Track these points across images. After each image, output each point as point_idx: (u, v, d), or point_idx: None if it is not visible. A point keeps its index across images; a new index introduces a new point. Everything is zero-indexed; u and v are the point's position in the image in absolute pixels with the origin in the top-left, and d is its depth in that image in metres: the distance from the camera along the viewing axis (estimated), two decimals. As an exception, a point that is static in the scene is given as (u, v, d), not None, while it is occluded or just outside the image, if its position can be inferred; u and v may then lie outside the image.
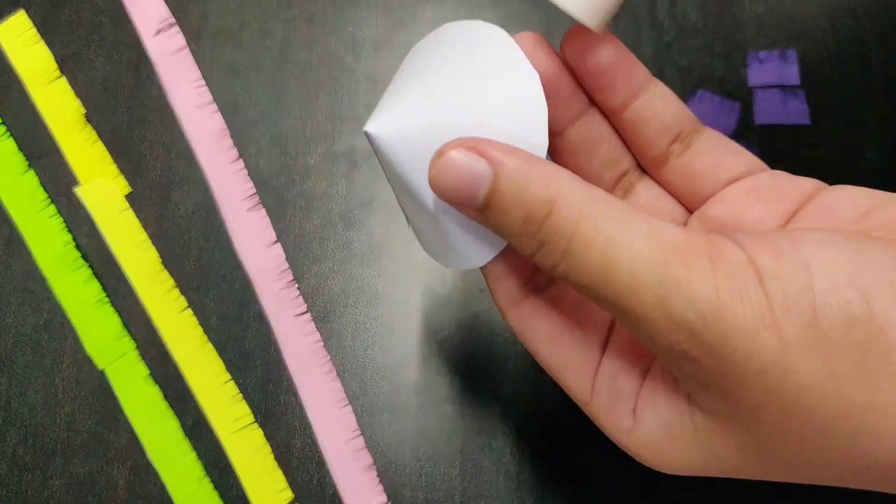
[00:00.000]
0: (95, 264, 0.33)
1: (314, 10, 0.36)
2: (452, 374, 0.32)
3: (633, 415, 0.21)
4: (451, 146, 0.20)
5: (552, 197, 0.19)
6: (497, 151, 0.20)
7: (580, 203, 0.19)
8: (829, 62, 0.35)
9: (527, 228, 0.19)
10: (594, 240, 0.18)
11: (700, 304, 0.17)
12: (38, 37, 0.35)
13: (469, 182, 0.20)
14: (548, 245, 0.19)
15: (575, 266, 0.19)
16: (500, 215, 0.20)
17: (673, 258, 0.18)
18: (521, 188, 0.19)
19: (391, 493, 0.30)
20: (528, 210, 0.19)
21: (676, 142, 0.24)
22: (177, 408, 0.31)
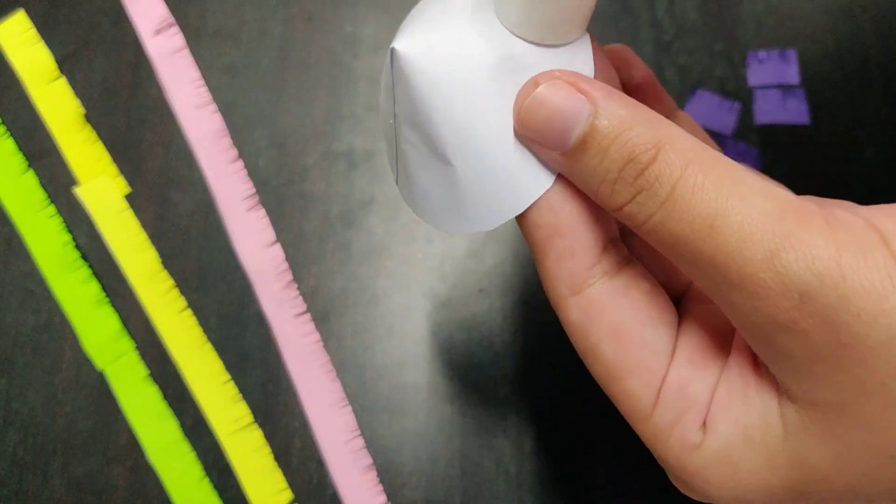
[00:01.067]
0: (95, 264, 0.33)
1: (313, 9, 0.36)
2: (452, 374, 0.32)
3: (702, 428, 0.19)
4: (546, 77, 0.18)
5: (660, 140, 0.17)
6: (598, 90, 0.18)
7: (689, 150, 0.17)
8: (829, 62, 0.35)
9: (626, 173, 0.17)
10: (703, 187, 0.17)
11: (817, 262, 0.16)
12: (37, 37, 0.35)
13: (564, 120, 0.18)
14: (646, 193, 0.17)
15: (677, 216, 0.17)
16: (596, 157, 0.18)
17: (788, 213, 0.16)
18: (626, 128, 0.17)
19: (391, 494, 0.30)
20: (632, 152, 0.17)
21: None
22: (176, 408, 0.31)
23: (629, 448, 0.31)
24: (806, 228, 0.16)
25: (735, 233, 0.16)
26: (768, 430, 0.18)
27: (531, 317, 0.32)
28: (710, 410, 0.19)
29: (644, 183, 0.17)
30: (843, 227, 0.16)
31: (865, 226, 0.16)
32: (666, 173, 0.17)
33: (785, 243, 0.16)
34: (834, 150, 0.34)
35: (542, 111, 0.18)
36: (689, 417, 0.19)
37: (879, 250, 0.16)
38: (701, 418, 0.19)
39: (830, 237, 0.16)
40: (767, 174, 0.33)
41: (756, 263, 0.16)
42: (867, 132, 0.34)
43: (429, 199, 0.20)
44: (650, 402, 0.19)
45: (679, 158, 0.17)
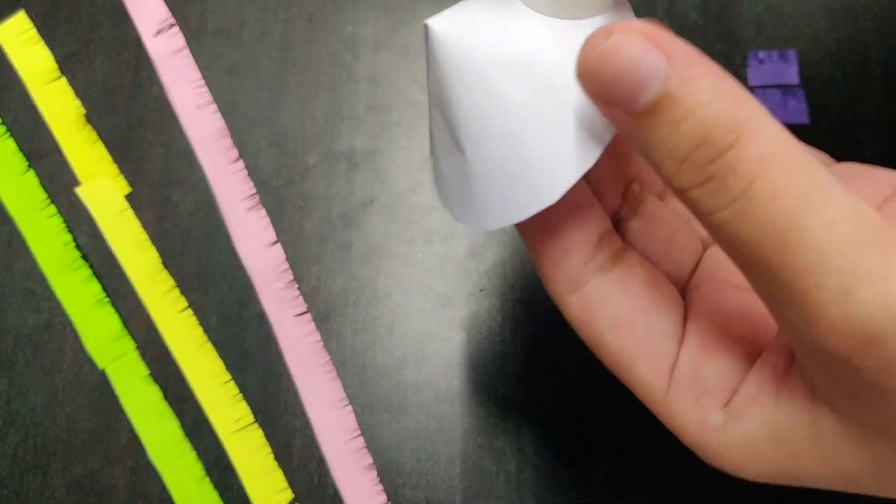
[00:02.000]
0: (95, 264, 0.33)
1: (313, 9, 0.36)
2: (452, 374, 0.32)
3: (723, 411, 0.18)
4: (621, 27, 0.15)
5: (742, 123, 0.15)
6: (680, 50, 0.15)
7: (776, 142, 0.15)
8: (829, 62, 0.35)
9: (698, 154, 0.15)
10: (784, 191, 0.15)
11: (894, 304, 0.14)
12: (38, 37, 0.35)
13: (636, 78, 0.15)
14: (718, 182, 0.15)
15: (749, 217, 0.15)
16: (666, 127, 0.15)
17: (874, 242, 0.14)
18: (705, 101, 0.15)
19: (391, 493, 0.30)
20: (708, 132, 0.15)
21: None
22: (177, 408, 0.31)
23: (630, 448, 0.31)
24: (890, 263, 0.14)
25: (811, 253, 0.14)
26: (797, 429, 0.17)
27: (531, 317, 0.32)
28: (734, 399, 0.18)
29: (717, 171, 0.15)
30: None
31: None
32: (744, 165, 0.15)
33: (864, 278, 0.14)
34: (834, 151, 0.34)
35: (613, 65, 0.15)
36: (708, 401, 0.18)
37: None
38: (720, 402, 0.18)
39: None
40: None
41: (827, 293, 0.14)
42: (867, 132, 0.34)
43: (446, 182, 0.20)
44: (663, 385, 0.18)
45: (762, 150, 0.15)
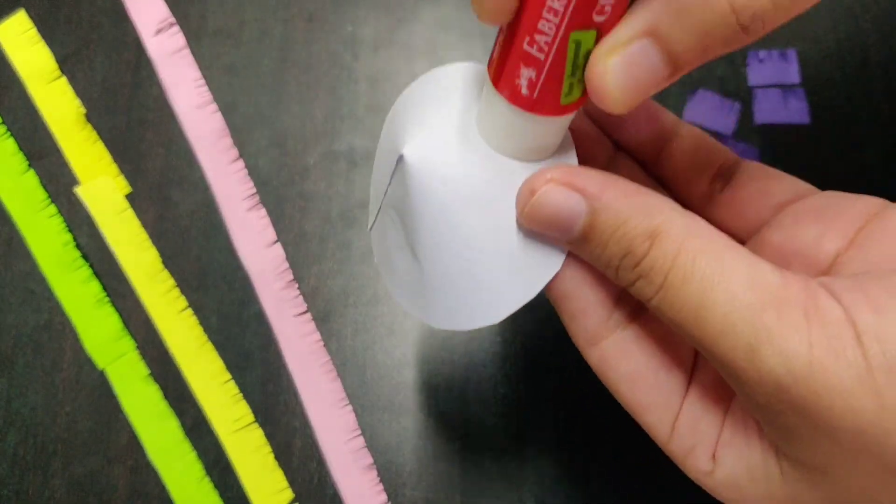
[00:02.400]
0: (95, 264, 0.33)
1: (313, 9, 0.36)
2: (452, 373, 0.32)
3: (713, 459, 0.20)
4: (543, 180, 0.19)
5: (654, 229, 0.18)
6: (593, 183, 0.19)
7: (682, 235, 0.18)
8: (829, 61, 0.35)
9: (625, 262, 0.19)
10: (691, 277, 0.18)
11: (792, 360, 0.17)
12: (38, 36, 0.35)
13: (564, 219, 0.19)
14: (644, 279, 0.18)
15: (669, 303, 0.18)
16: (598, 248, 0.19)
17: (768, 306, 0.17)
18: (621, 222, 0.18)
19: (391, 493, 0.30)
20: (629, 245, 0.18)
21: (716, 179, 0.24)
22: (177, 407, 0.31)
23: (630, 448, 0.31)
24: (784, 322, 0.17)
25: (718, 324, 0.17)
26: (768, 470, 0.19)
27: (531, 317, 0.32)
28: (717, 446, 0.20)
29: (642, 272, 0.18)
30: (820, 323, 0.17)
31: (843, 320, 0.17)
32: (659, 263, 0.18)
33: (763, 338, 0.17)
34: (834, 150, 0.34)
35: (542, 214, 0.19)
36: (700, 450, 0.21)
37: (851, 349, 0.16)
38: (710, 451, 0.20)
39: (806, 334, 0.17)
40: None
41: (737, 353, 0.17)
42: (867, 131, 0.34)
43: (396, 275, 0.22)
44: (666, 433, 0.21)
45: (672, 246, 0.18)
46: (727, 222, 0.24)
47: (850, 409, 0.16)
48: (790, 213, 0.22)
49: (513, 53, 0.18)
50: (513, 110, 0.19)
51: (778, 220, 0.22)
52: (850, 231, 0.21)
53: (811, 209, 0.22)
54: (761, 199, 0.23)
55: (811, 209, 0.22)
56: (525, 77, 0.18)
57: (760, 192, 0.23)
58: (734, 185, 0.23)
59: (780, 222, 0.22)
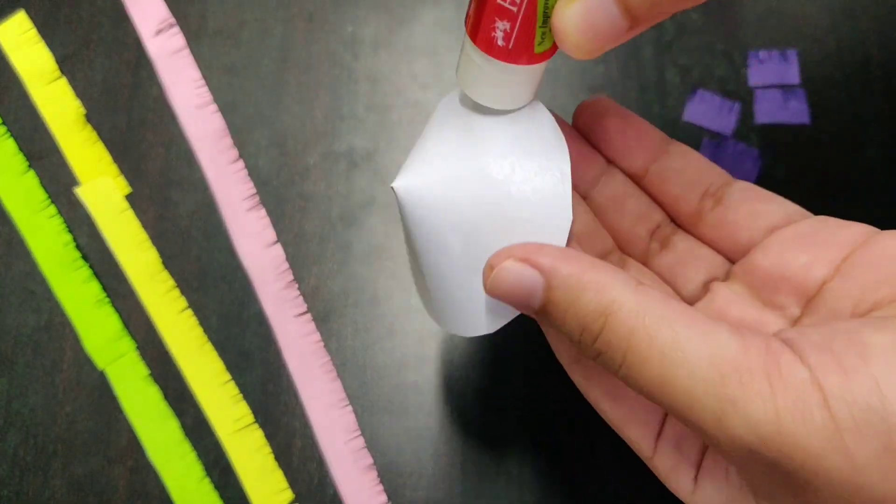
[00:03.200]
0: (95, 264, 0.33)
1: (313, 9, 0.36)
2: (452, 373, 0.32)
3: (694, 481, 0.21)
4: (503, 256, 0.20)
5: (605, 308, 0.19)
6: (549, 259, 0.19)
7: (633, 315, 0.18)
8: (830, 61, 0.35)
9: (584, 338, 0.19)
10: (648, 356, 0.18)
11: (760, 426, 0.17)
12: (38, 37, 0.35)
13: (523, 292, 0.20)
14: (604, 355, 0.19)
15: (634, 378, 0.19)
16: (558, 322, 0.20)
17: (730, 377, 0.17)
18: (574, 298, 0.19)
19: (391, 493, 0.30)
20: (584, 321, 0.19)
21: (707, 197, 0.24)
22: (177, 408, 0.31)
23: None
24: (748, 391, 0.17)
25: (684, 397, 0.18)
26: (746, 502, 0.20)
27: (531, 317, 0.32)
28: (699, 470, 0.21)
29: (600, 348, 0.19)
30: (784, 387, 0.17)
31: (808, 383, 0.17)
32: (615, 342, 0.19)
33: (728, 409, 0.17)
34: (834, 150, 0.34)
35: (502, 287, 0.20)
36: (682, 469, 0.21)
37: (819, 412, 0.17)
38: (693, 472, 0.21)
39: (771, 400, 0.17)
40: (768, 174, 0.33)
41: (707, 423, 0.18)
42: (868, 132, 0.34)
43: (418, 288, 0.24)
44: (649, 448, 0.22)
45: (624, 326, 0.18)
46: (717, 242, 0.24)
47: (822, 469, 0.17)
48: (780, 238, 0.23)
49: (488, 8, 0.19)
50: (490, 62, 0.20)
51: (768, 243, 0.23)
52: (837, 259, 0.21)
53: (801, 235, 0.22)
54: (752, 221, 0.23)
55: (801, 235, 0.22)
56: (500, 29, 0.19)
57: (751, 214, 0.23)
58: (725, 205, 0.24)
59: (769, 246, 0.23)
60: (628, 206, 0.25)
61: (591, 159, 0.25)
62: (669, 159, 0.24)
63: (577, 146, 0.24)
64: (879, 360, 0.17)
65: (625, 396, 0.22)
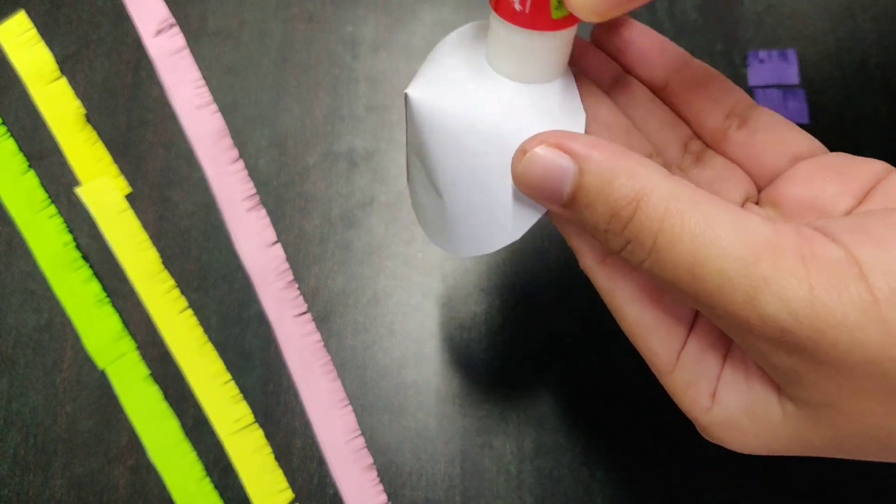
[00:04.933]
0: (96, 264, 0.33)
1: (313, 9, 0.36)
2: (452, 373, 0.32)
3: (712, 396, 0.20)
4: (534, 142, 0.20)
5: (638, 192, 0.18)
6: (581, 145, 0.19)
7: (666, 198, 0.18)
8: (829, 61, 0.35)
9: (613, 225, 0.19)
10: (681, 237, 0.18)
11: (793, 303, 0.17)
12: (38, 37, 0.35)
13: (554, 178, 0.19)
14: (634, 242, 0.19)
15: (662, 263, 0.18)
16: (587, 211, 0.19)
17: (763, 256, 0.17)
18: (606, 182, 0.19)
19: (391, 493, 0.30)
20: (615, 206, 0.19)
21: (732, 116, 0.24)
22: (177, 408, 0.31)
23: (629, 448, 0.31)
24: (781, 269, 0.17)
25: (715, 279, 0.18)
26: (769, 410, 0.19)
27: (531, 316, 0.32)
28: (718, 384, 0.20)
29: (630, 234, 0.19)
30: (819, 265, 0.17)
31: (844, 259, 0.17)
32: (647, 225, 0.18)
33: (762, 287, 0.17)
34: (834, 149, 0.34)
35: (534, 174, 0.19)
36: (703, 384, 0.20)
37: (855, 285, 0.17)
38: (712, 387, 0.20)
39: (805, 277, 0.17)
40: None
41: (737, 305, 0.17)
42: (867, 131, 0.34)
43: (426, 216, 0.24)
44: (671, 361, 0.21)
45: (657, 209, 0.18)
46: (744, 163, 0.24)
47: (857, 343, 0.17)
48: (807, 168, 0.23)
49: None
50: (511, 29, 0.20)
51: (794, 171, 0.23)
52: (861, 191, 0.21)
53: (826, 167, 0.22)
54: (778, 148, 0.23)
55: (826, 167, 0.22)
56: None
57: (778, 140, 0.23)
58: (750, 127, 0.23)
59: (797, 175, 0.23)
60: (650, 108, 0.24)
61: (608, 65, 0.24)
62: (693, 72, 0.24)
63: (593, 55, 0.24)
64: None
65: (652, 301, 0.21)
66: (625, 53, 0.24)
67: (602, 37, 0.24)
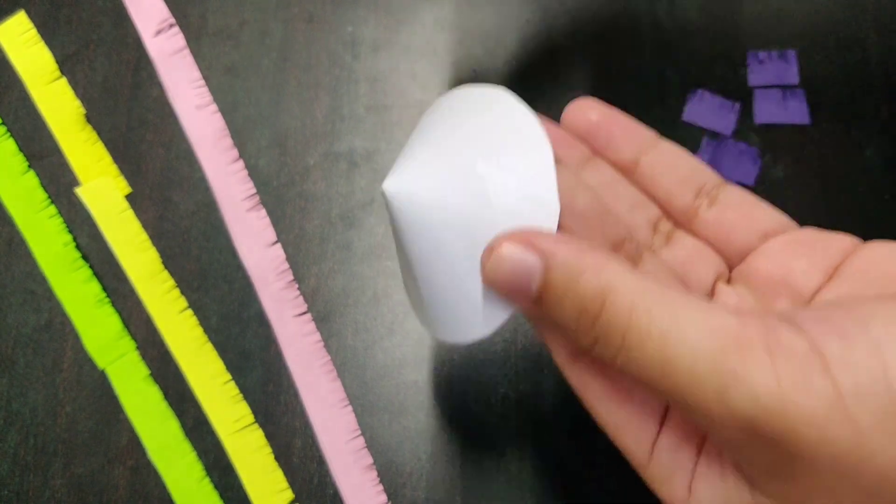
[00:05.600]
0: (96, 264, 0.33)
1: (313, 9, 0.36)
2: (452, 373, 0.32)
3: (688, 489, 0.21)
4: (502, 239, 0.20)
5: (604, 288, 0.19)
6: (548, 242, 0.19)
7: (633, 294, 0.18)
8: (829, 61, 0.35)
9: (582, 322, 0.19)
10: (648, 334, 0.18)
11: (762, 398, 0.17)
12: (38, 37, 0.35)
13: (522, 275, 0.20)
14: (603, 339, 0.19)
15: (632, 360, 0.18)
16: (555, 308, 0.19)
17: (730, 350, 0.17)
18: (573, 279, 0.19)
19: (391, 493, 0.30)
20: (582, 303, 0.19)
21: (701, 195, 0.24)
22: (177, 408, 0.31)
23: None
24: (749, 362, 0.17)
25: (685, 374, 0.18)
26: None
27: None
28: (693, 477, 0.21)
29: (598, 332, 0.19)
30: (785, 357, 0.17)
31: (808, 352, 0.17)
32: (615, 322, 0.18)
33: (730, 381, 0.17)
34: (834, 150, 0.34)
35: (502, 271, 0.20)
36: (678, 477, 0.21)
37: (820, 380, 0.17)
38: (687, 480, 0.21)
39: (772, 371, 0.17)
40: (767, 174, 0.33)
41: (708, 399, 0.17)
42: (867, 132, 0.34)
43: (409, 291, 0.24)
44: (645, 456, 0.21)
45: (624, 305, 0.18)
46: (715, 241, 0.24)
47: (825, 439, 0.17)
48: (777, 244, 0.23)
49: None
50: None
51: (764, 248, 0.23)
52: (830, 267, 0.22)
53: (796, 243, 0.23)
54: (749, 225, 0.23)
55: (796, 243, 0.23)
56: None
57: (747, 217, 0.24)
58: (720, 206, 0.24)
59: (766, 251, 0.23)
60: (619, 192, 0.25)
61: (577, 147, 0.25)
62: (661, 154, 0.24)
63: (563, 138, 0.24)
64: (879, 326, 0.17)
65: (622, 399, 0.21)
66: (594, 136, 0.25)
67: (572, 124, 0.24)
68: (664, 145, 0.25)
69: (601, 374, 0.21)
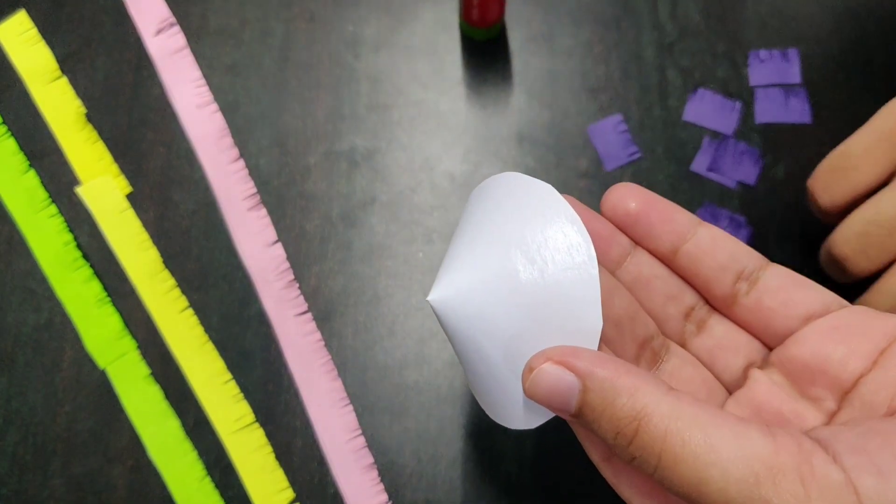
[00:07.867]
0: (96, 264, 0.33)
1: (315, 9, 0.36)
2: (453, 374, 0.31)
3: None
4: (541, 359, 0.21)
5: (639, 412, 0.19)
6: (585, 362, 0.20)
7: (667, 418, 0.19)
8: (831, 61, 0.35)
9: (619, 441, 0.20)
10: (683, 458, 0.19)
11: None
12: (38, 36, 0.35)
13: (560, 394, 0.20)
14: (639, 458, 0.19)
15: (667, 480, 0.19)
16: (594, 424, 0.20)
17: (763, 478, 0.18)
18: (609, 402, 0.20)
19: (392, 493, 0.30)
20: (618, 425, 0.19)
21: (741, 280, 0.24)
22: (178, 407, 0.31)
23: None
24: (782, 492, 0.18)
25: (718, 497, 0.18)
26: None
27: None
28: None
29: (635, 452, 0.19)
30: (818, 487, 0.17)
31: (842, 485, 0.17)
32: (650, 444, 0.19)
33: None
34: (835, 150, 0.34)
35: (541, 389, 0.21)
36: None
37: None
38: None
39: (806, 500, 0.17)
40: (768, 174, 0.33)
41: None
42: (869, 132, 0.34)
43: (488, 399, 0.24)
44: None
45: (658, 429, 0.19)
46: (751, 327, 0.24)
47: None
48: (817, 329, 0.23)
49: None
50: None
51: (804, 333, 0.23)
52: (874, 352, 0.22)
53: (837, 326, 0.22)
54: (789, 309, 0.23)
55: (837, 326, 0.22)
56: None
57: (788, 301, 0.23)
58: (760, 290, 0.24)
59: (806, 337, 0.23)
60: (655, 286, 0.25)
61: (617, 240, 0.25)
62: (700, 240, 0.24)
63: (603, 228, 0.24)
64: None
65: (657, 495, 0.22)
66: (633, 227, 0.24)
67: (611, 211, 0.24)
68: (703, 231, 0.24)
69: (635, 474, 0.22)
